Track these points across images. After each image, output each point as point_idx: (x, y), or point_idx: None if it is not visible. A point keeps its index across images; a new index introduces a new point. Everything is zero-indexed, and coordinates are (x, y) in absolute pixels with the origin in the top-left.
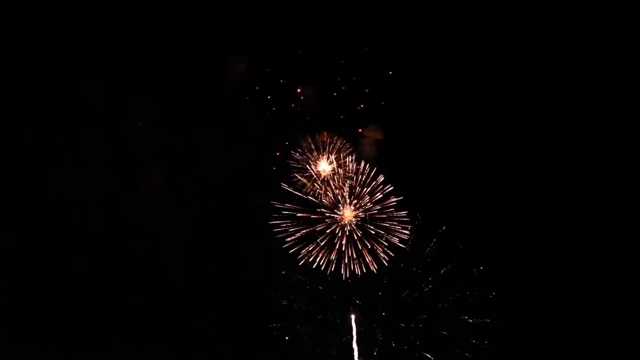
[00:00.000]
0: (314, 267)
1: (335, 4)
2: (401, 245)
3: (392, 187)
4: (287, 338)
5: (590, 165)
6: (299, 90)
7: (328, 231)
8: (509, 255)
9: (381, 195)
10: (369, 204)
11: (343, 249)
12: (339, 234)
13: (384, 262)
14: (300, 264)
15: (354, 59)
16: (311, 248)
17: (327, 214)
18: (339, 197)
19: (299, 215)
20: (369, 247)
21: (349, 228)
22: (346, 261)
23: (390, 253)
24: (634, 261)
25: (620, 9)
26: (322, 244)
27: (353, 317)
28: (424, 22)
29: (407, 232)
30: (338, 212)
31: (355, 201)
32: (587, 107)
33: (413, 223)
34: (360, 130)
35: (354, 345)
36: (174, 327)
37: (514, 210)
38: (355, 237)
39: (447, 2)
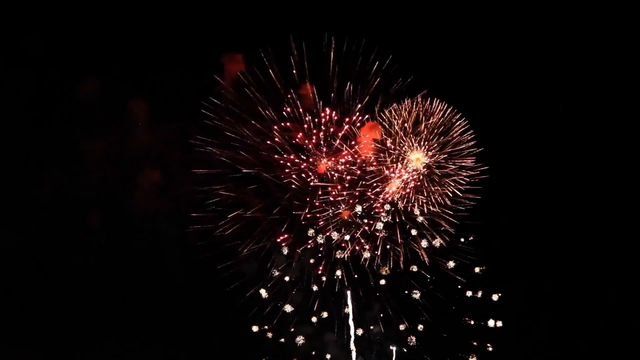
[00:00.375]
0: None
1: None
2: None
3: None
4: (282, 340)
5: (591, 166)
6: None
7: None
8: (510, 256)
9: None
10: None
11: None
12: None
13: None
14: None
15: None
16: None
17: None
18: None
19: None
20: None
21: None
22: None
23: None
24: (635, 261)
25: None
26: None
27: (351, 316)
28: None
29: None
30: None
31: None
32: (587, 107)
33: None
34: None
35: (352, 346)
36: (172, 328)
37: (516, 210)
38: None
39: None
